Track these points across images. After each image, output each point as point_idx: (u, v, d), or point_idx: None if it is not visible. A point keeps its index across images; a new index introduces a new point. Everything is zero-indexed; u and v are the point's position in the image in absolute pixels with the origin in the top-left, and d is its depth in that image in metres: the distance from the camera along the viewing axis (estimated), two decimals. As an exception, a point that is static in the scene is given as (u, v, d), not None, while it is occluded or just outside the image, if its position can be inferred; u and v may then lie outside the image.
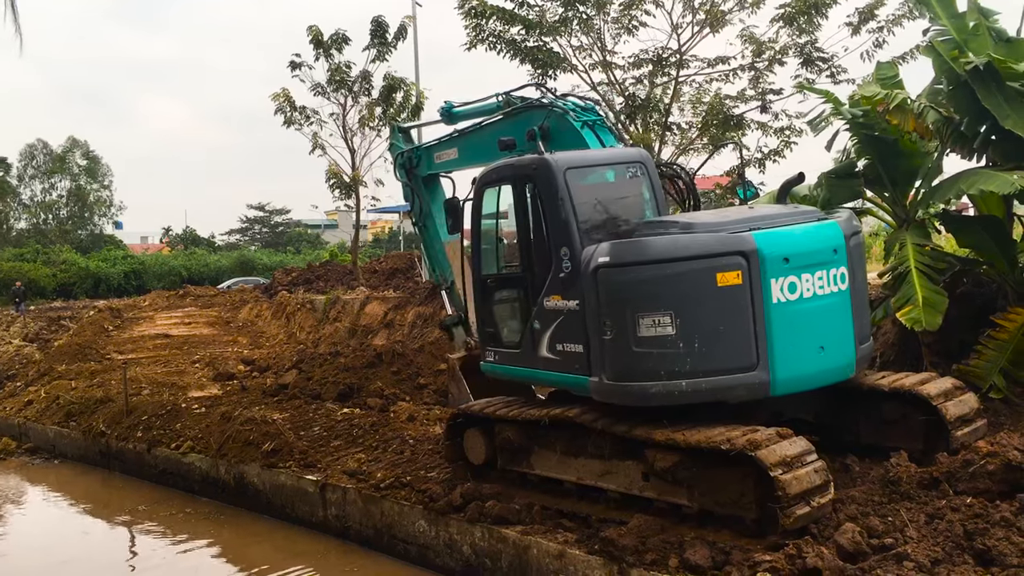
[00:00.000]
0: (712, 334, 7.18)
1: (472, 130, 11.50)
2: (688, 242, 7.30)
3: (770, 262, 7.22)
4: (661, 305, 7.19)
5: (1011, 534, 6.22)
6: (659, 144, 20.17)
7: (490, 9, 18.82)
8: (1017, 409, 9.43)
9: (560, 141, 9.42)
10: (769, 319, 7.21)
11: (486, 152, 11.08)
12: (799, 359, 7.40)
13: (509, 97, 10.95)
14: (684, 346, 7.17)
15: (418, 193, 12.77)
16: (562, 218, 8.01)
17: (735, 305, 7.17)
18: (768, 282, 7.21)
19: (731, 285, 7.15)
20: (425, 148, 12.72)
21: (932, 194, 10.76)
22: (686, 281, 7.20)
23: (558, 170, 8.12)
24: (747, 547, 6.72)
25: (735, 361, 7.21)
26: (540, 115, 9.87)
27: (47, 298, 52.30)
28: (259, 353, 21.79)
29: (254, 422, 12.71)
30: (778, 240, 7.39)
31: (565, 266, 7.95)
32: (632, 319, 7.28)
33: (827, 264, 7.61)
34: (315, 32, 27.27)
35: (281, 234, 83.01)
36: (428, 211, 12.76)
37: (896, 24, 18.36)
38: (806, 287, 7.43)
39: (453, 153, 11.90)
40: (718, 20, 19.40)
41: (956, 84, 10.30)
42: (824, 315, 7.58)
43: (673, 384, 7.19)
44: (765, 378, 7.23)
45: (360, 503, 10.10)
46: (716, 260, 7.18)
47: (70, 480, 15.13)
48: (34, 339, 28.31)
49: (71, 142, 72.05)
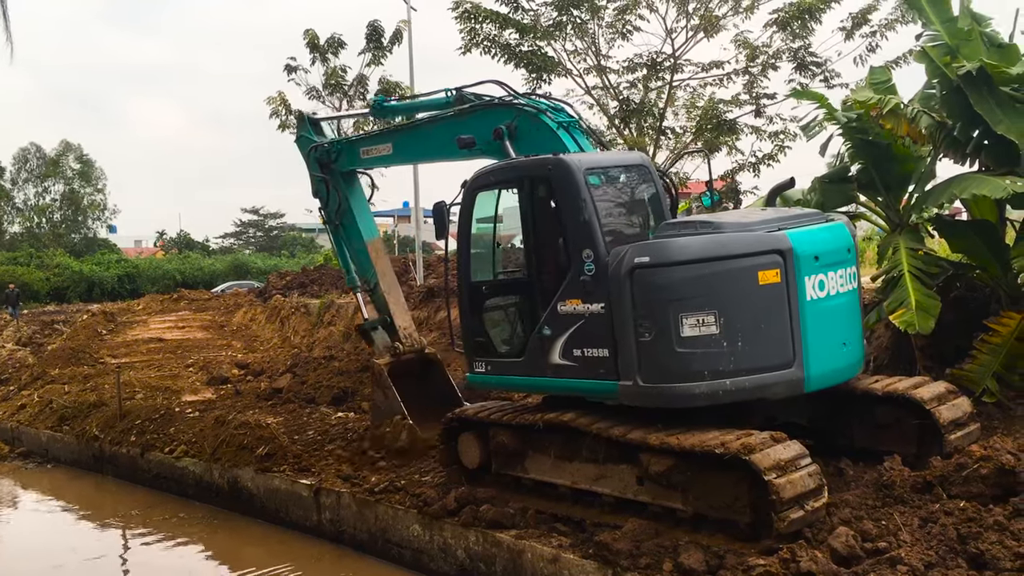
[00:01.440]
0: (754, 332, 7.23)
1: (414, 125, 11.04)
2: (729, 241, 7.33)
3: (804, 260, 7.34)
4: (705, 304, 7.18)
5: (1004, 538, 6.24)
6: (653, 149, 20.20)
7: (484, 13, 18.84)
8: (1010, 413, 9.46)
9: (529, 142, 9.13)
10: (804, 316, 7.31)
11: (431, 149, 10.75)
12: (828, 355, 7.55)
13: (463, 93, 10.46)
14: (728, 345, 7.19)
15: (336, 189, 12.17)
16: (584, 220, 7.84)
17: (774, 303, 7.26)
18: (802, 280, 7.32)
19: (771, 283, 7.23)
20: (348, 142, 12.18)
21: (925, 199, 10.79)
22: (730, 280, 7.23)
23: (578, 170, 7.97)
24: (741, 551, 6.73)
25: (774, 359, 7.29)
26: (506, 114, 9.49)
27: (41, 302, 52.16)
28: (253, 357, 21.76)
29: (248, 426, 12.67)
30: (808, 239, 7.53)
31: (587, 269, 7.78)
32: (675, 319, 7.21)
33: (845, 263, 7.83)
34: (311, 36, 27.32)
35: (275, 238, 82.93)
36: (347, 208, 12.24)
37: (889, 29, 18.43)
38: (831, 285, 7.59)
39: (386, 149, 11.36)
40: (712, 25, 19.45)
41: (949, 89, 10.33)
42: (844, 313, 7.78)
43: (718, 384, 7.20)
44: (801, 375, 7.34)
45: (354, 507, 10.08)
46: (757, 258, 7.24)
47: (63, 485, 15.07)
48: (27, 343, 28.26)
49: (64, 146, 71.86)
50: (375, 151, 11.53)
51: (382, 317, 12.34)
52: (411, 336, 12.33)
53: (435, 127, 10.58)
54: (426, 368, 12.33)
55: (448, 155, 10.41)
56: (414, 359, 12.22)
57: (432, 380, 12.25)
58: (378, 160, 11.71)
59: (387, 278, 12.40)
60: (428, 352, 12.53)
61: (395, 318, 12.25)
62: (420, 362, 12.31)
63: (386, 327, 12.31)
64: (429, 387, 12.16)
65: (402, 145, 11.19)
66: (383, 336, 12.32)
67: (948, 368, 9.93)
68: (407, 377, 11.88)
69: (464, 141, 9.54)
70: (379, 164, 11.75)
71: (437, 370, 12.38)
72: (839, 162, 12.02)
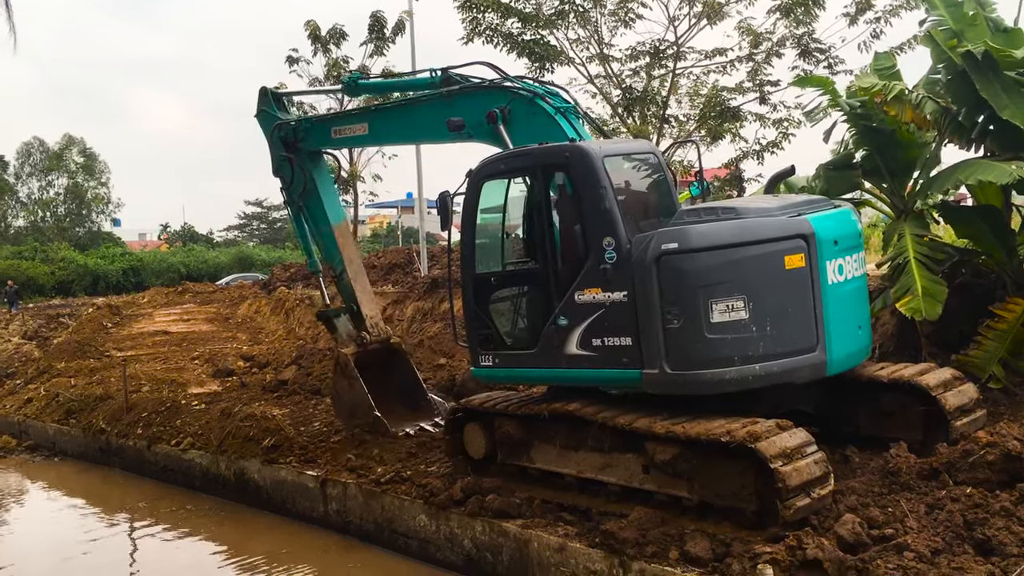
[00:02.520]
0: (781, 316, 7.27)
1: (395, 105, 10.68)
2: (755, 226, 7.35)
3: (825, 245, 7.40)
4: (734, 289, 7.19)
5: (1011, 524, 6.24)
6: (657, 137, 20.14)
7: (486, 2, 18.78)
8: (1016, 399, 9.44)
9: (524, 127, 8.97)
10: (826, 300, 7.37)
11: (413, 131, 10.50)
12: (846, 338, 7.64)
13: (451, 75, 10.14)
14: (757, 330, 7.22)
15: (301, 169, 11.69)
16: (605, 207, 7.74)
17: (800, 287, 7.31)
18: (824, 264, 7.38)
19: (797, 268, 7.27)
20: (318, 119, 11.74)
21: (930, 185, 10.75)
22: (758, 264, 7.26)
23: (597, 157, 7.88)
24: (747, 539, 6.73)
25: (800, 343, 7.34)
26: (500, 97, 9.26)
27: (46, 296, 52.25)
28: (258, 349, 21.78)
29: (254, 418, 12.71)
30: (828, 223, 7.61)
31: (608, 257, 7.69)
32: (704, 305, 7.21)
33: (857, 248, 7.97)
34: (313, 27, 27.26)
35: (279, 230, 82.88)
36: (312, 189, 11.79)
37: (893, 14, 18.35)
38: (848, 269, 7.67)
39: (361, 129, 10.94)
40: (715, 12, 19.37)
41: (954, 74, 10.28)
42: (857, 296, 7.88)
43: (747, 368, 7.22)
44: (823, 358, 7.40)
45: (361, 498, 10.10)
46: (783, 243, 7.28)
47: (70, 478, 15.13)
48: (33, 337, 28.32)
49: (67, 139, 71.88)
50: (348, 131, 11.14)
51: (348, 305, 12.07)
52: (377, 325, 12.11)
53: (420, 108, 10.28)
54: (390, 358, 12.19)
55: (432, 137, 10.22)
56: (379, 349, 12.06)
57: (397, 371, 12.14)
58: (351, 140, 11.38)
59: (354, 264, 12.14)
60: (393, 342, 12.34)
61: (362, 306, 11.99)
62: (385, 352, 12.15)
63: (352, 315, 12.04)
64: (394, 378, 12.09)
65: (380, 126, 10.85)
66: (346, 324, 12.04)
67: (954, 354, 9.90)
68: (372, 367, 11.77)
69: (454, 124, 9.32)
70: (352, 145, 11.49)
71: (402, 360, 12.25)
72: (843, 149, 11.97)
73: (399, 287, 25.25)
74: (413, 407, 12.03)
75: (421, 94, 10.47)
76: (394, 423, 11.44)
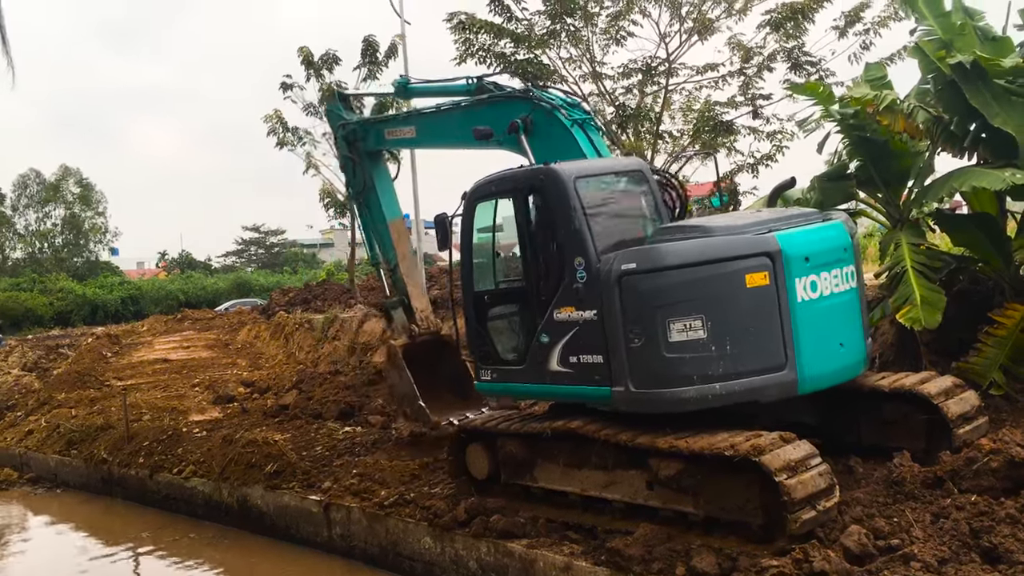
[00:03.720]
0: (743, 335, 7.24)
1: (436, 111, 11.07)
2: (716, 245, 7.35)
3: (793, 262, 7.34)
4: (692, 309, 7.21)
5: (1017, 531, 6.23)
6: (651, 152, 20.19)
7: (478, 23, 18.88)
8: (1018, 405, 9.44)
9: (545, 137, 9.16)
10: (795, 318, 7.31)
11: (451, 135, 10.79)
12: (823, 357, 7.53)
13: (483, 83, 10.50)
14: (716, 349, 7.21)
15: (361, 168, 12.29)
16: (575, 228, 7.91)
17: (764, 305, 7.26)
18: (792, 281, 7.32)
19: (759, 286, 7.24)
20: (375, 122, 12.29)
21: (925, 193, 10.80)
22: (716, 283, 7.25)
23: (568, 179, 8.03)
24: (754, 553, 6.71)
25: (765, 361, 7.29)
26: (523, 107, 9.51)
27: (45, 327, 52.15)
28: (259, 374, 21.75)
29: (256, 444, 12.68)
30: (798, 240, 7.52)
31: (580, 276, 7.85)
32: (663, 324, 7.25)
33: (840, 262, 7.80)
34: (306, 53, 27.35)
35: (277, 255, 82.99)
36: (371, 186, 12.32)
37: (882, 26, 18.42)
38: (825, 285, 7.57)
39: (409, 132, 11.45)
40: (706, 28, 19.46)
41: (944, 84, 10.34)
42: (840, 312, 7.75)
43: (707, 388, 7.21)
44: (793, 377, 7.32)
45: (364, 522, 10.07)
46: (744, 262, 7.26)
47: (73, 509, 15.07)
48: (33, 368, 28.22)
49: (64, 170, 71.96)
50: (399, 133, 11.67)
51: (399, 298, 12.44)
52: (428, 319, 12.49)
53: (453, 114, 10.69)
54: (441, 350, 12.40)
55: (465, 143, 10.49)
56: (429, 341, 12.36)
57: (447, 362, 12.33)
58: (402, 142, 11.90)
59: (407, 260, 12.55)
60: (444, 334, 12.57)
61: (412, 300, 12.38)
62: (435, 344, 12.39)
63: (404, 308, 12.41)
64: (444, 369, 12.27)
65: (424, 129, 11.32)
66: (402, 316, 12.43)
67: (954, 362, 9.91)
68: (422, 359, 12.01)
69: (481, 132, 9.57)
70: (402, 146, 11.97)
71: (453, 352, 12.31)
72: (837, 159, 12.02)
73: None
74: (463, 397, 12.16)
75: (456, 101, 10.85)
76: (441, 412, 11.64)
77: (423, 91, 12.17)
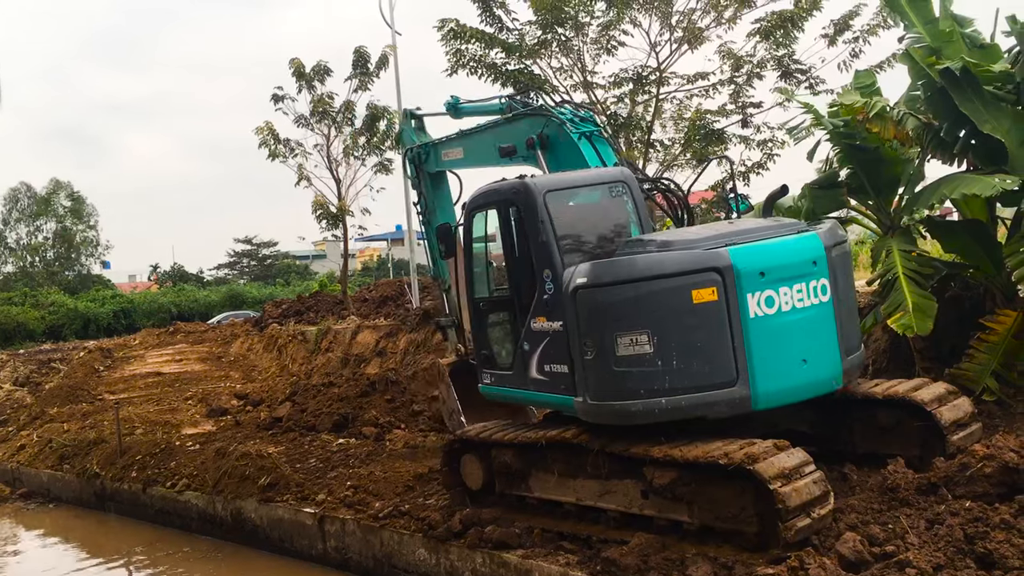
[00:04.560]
0: (690, 351, 7.24)
1: (475, 131, 11.47)
2: (662, 260, 7.35)
3: (745, 277, 7.27)
4: (638, 324, 7.27)
5: (1012, 536, 6.23)
6: (643, 161, 20.25)
7: (469, 32, 18.91)
8: (1011, 410, 9.47)
9: (558, 151, 9.47)
10: (747, 334, 7.25)
11: (486, 154, 11.18)
12: (780, 373, 7.42)
13: (512, 101, 10.96)
14: (662, 363, 7.25)
15: (424, 189, 12.72)
16: (542, 240, 8.12)
17: (712, 321, 7.22)
18: (744, 297, 7.25)
19: (707, 302, 7.20)
20: (434, 144, 12.62)
21: (916, 200, 10.83)
22: (662, 299, 7.27)
23: (538, 193, 8.25)
24: (749, 561, 6.71)
25: (714, 377, 7.26)
26: (539, 122, 9.86)
27: (36, 341, 51.94)
28: (252, 387, 21.70)
29: (249, 457, 12.64)
30: (753, 255, 7.43)
31: (548, 288, 8.05)
32: (611, 338, 7.35)
33: (806, 276, 7.60)
34: (297, 64, 27.35)
35: (269, 266, 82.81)
36: (432, 208, 12.74)
37: (872, 33, 18.53)
38: (784, 300, 7.44)
39: (459, 152, 11.86)
40: (696, 37, 19.54)
41: (933, 91, 10.39)
42: (805, 328, 7.57)
43: (653, 402, 7.27)
44: (746, 392, 7.27)
45: (359, 534, 10.04)
46: (691, 277, 7.24)
47: (66, 524, 14.99)
48: (25, 383, 28.10)
49: (54, 184, 71.78)
50: (452, 154, 12.04)
51: (453, 318, 12.66)
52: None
53: (485, 134, 11.05)
54: None
55: (498, 161, 10.78)
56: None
57: None
58: (455, 163, 12.12)
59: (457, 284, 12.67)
60: None
61: (463, 322, 12.42)
62: None
63: (456, 328, 12.62)
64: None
65: (468, 149, 11.67)
66: (453, 336, 12.70)
67: (947, 368, 9.93)
68: (468, 377, 12.02)
69: (505, 150, 9.94)
70: (457, 167, 12.28)
71: None
72: (828, 167, 12.06)
73: (391, 320, 25.23)
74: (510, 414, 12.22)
75: (489, 120, 11.22)
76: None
77: (471, 111, 12.50)
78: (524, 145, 9.69)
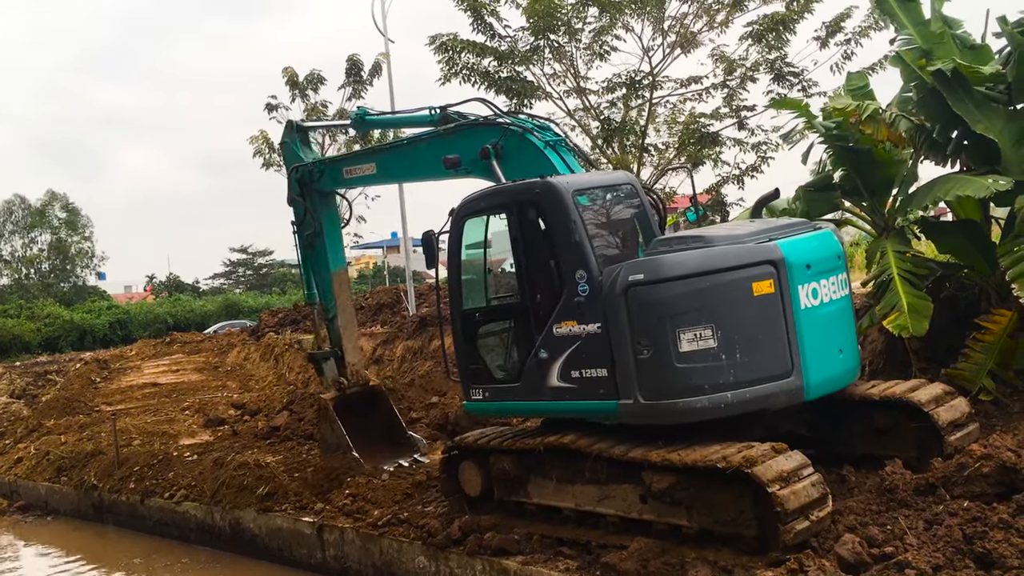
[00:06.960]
0: (751, 343, 7.29)
1: (400, 143, 11.05)
2: (721, 254, 7.38)
3: (796, 269, 7.42)
4: (702, 318, 7.22)
5: (1010, 536, 6.24)
6: (637, 166, 20.29)
7: (461, 44, 18.94)
8: (1007, 410, 9.47)
9: (516, 161, 9.15)
10: (799, 325, 7.37)
11: (417, 167, 10.71)
12: (824, 363, 7.61)
13: (448, 112, 10.47)
14: (726, 357, 7.23)
15: (312, 210, 11.96)
16: (575, 241, 7.90)
17: (769, 313, 7.32)
18: (796, 289, 7.39)
19: (765, 294, 7.28)
20: (331, 161, 12.01)
21: (909, 201, 10.86)
22: (725, 292, 7.29)
23: (567, 192, 8.04)
24: (749, 564, 6.72)
25: (773, 369, 7.34)
26: (492, 133, 9.46)
27: (32, 353, 51.81)
28: (249, 396, 21.63)
29: (247, 466, 12.61)
30: (799, 248, 7.61)
31: (581, 289, 7.83)
32: (672, 335, 7.25)
33: (835, 270, 7.90)
34: (290, 73, 27.41)
35: (265, 275, 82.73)
36: (320, 231, 12.06)
37: (863, 36, 18.61)
38: (824, 292, 7.65)
39: (370, 169, 11.23)
40: (688, 41, 19.60)
41: (925, 92, 10.43)
42: (837, 319, 7.84)
43: (719, 397, 7.23)
44: (800, 383, 7.39)
45: (358, 542, 10.02)
46: (751, 270, 7.30)
47: (64, 536, 14.93)
48: (21, 395, 28.02)
49: (49, 196, 71.64)
50: (358, 171, 11.42)
51: (334, 349, 12.45)
52: (357, 372, 12.58)
53: (420, 146, 10.57)
54: (373, 401, 12.59)
55: (434, 174, 10.40)
56: (360, 392, 12.49)
57: (379, 412, 12.55)
58: (361, 180, 11.67)
59: (346, 312, 12.54)
60: (373, 384, 12.75)
61: (346, 354, 12.42)
62: (366, 395, 12.55)
63: (336, 360, 12.43)
64: (377, 419, 12.48)
65: (386, 164, 11.13)
66: (332, 368, 12.43)
67: (943, 369, 9.95)
68: (354, 410, 12.17)
69: (450, 161, 9.55)
70: (362, 184, 11.74)
71: (384, 402, 12.69)
72: (821, 169, 12.09)
73: (388, 327, 25.21)
74: (394, 446, 12.37)
75: (422, 132, 10.75)
76: (375, 461, 11.75)
77: (382, 123, 12.14)
78: (475, 155, 9.29)
